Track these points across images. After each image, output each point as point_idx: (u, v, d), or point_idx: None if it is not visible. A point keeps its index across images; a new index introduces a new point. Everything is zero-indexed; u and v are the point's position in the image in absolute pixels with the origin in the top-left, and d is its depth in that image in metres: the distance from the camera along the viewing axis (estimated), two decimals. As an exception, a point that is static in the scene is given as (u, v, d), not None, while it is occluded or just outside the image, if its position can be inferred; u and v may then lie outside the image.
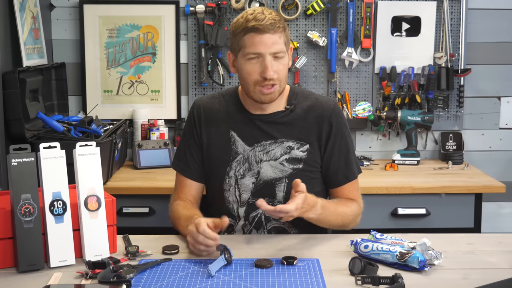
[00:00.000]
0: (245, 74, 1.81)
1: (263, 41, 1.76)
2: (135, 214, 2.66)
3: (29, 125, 2.53)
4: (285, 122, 1.90)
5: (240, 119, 1.91)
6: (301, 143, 1.88)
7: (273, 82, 1.79)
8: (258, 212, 1.89)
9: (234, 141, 1.90)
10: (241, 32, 1.78)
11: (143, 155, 2.97)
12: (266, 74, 1.76)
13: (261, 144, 1.89)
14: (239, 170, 1.89)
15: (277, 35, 1.77)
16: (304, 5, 3.09)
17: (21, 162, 1.49)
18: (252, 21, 1.76)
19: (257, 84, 1.80)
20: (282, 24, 1.79)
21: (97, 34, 3.12)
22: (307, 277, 1.47)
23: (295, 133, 1.89)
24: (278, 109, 1.90)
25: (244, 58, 1.79)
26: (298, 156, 1.88)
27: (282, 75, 1.81)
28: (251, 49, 1.77)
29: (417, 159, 3.04)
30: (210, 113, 1.94)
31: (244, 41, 1.78)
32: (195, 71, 3.15)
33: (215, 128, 1.93)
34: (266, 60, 1.76)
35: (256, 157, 1.89)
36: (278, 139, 1.88)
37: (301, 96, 1.93)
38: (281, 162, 1.88)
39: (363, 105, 3.12)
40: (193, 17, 3.10)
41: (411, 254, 1.50)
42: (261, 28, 1.75)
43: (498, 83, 3.21)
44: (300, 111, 1.90)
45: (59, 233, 1.54)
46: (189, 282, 1.45)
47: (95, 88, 3.15)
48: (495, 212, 3.25)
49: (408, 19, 3.12)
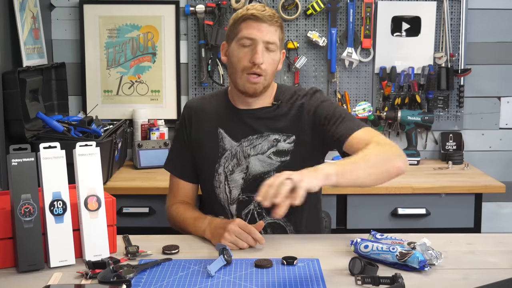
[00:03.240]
0: (235, 60, 1.84)
1: (259, 29, 1.80)
2: (135, 214, 2.66)
3: (29, 125, 2.53)
4: (271, 117, 1.91)
5: (228, 116, 1.94)
6: (287, 135, 1.89)
7: (260, 71, 1.81)
8: (249, 208, 1.91)
9: (222, 138, 1.92)
10: (240, 19, 1.83)
11: (143, 155, 2.97)
12: (256, 58, 1.79)
13: (248, 139, 1.91)
14: (227, 166, 1.91)
15: (273, 27, 1.82)
16: (304, 5, 3.09)
17: (21, 162, 1.49)
18: (252, 10, 1.82)
19: (245, 71, 1.82)
20: (280, 21, 1.85)
21: (97, 34, 3.12)
22: (307, 277, 1.47)
23: (280, 126, 1.90)
24: (265, 104, 1.92)
25: (238, 43, 1.83)
26: (285, 148, 1.89)
27: (269, 68, 1.83)
28: (246, 33, 1.81)
29: (417, 159, 3.04)
30: (200, 114, 1.97)
31: (241, 26, 1.83)
32: (195, 71, 3.15)
33: (204, 128, 1.95)
34: (258, 46, 1.80)
35: (244, 152, 1.90)
36: (264, 133, 1.90)
37: (287, 92, 1.95)
38: (269, 156, 1.89)
39: (363, 105, 3.12)
40: (193, 17, 3.10)
41: (411, 254, 1.50)
42: (260, 17, 1.80)
43: (498, 83, 3.21)
44: (286, 107, 1.92)
45: (59, 233, 1.54)
46: (189, 282, 1.45)
47: (95, 88, 3.15)
48: (495, 212, 3.25)
49: (408, 19, 3.12)
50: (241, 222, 1.70)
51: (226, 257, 1.52)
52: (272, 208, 1.83)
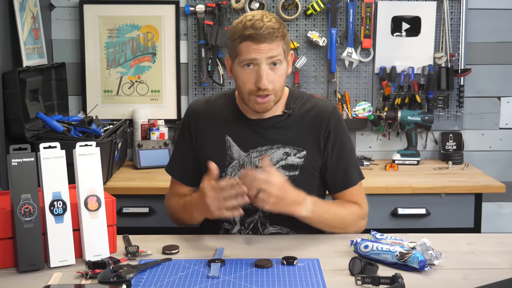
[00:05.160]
0: (240, 82, 1.77)
1: (259, 49, 1.71)
2: (135, 214, 2.66)
3: (29, 125, 2.53)
4: (282, 126, 1.86)
5: (236, 124, 1.88)
6: (298, 149, 1.84)
7: (267, 92, 1.74)
8: (254, 218, 1.86)
9: (230, 146, 1.87)
10: (238, 39, 1.73)
11: (143, 155, 2.97)
12: (260, 83, 1.72)
13: (257, 150, 1.85)
14: (234, 176, 1.85)
15: (274, 43, 1.72)
16: (304, 5, 3.09)
17: (21, 162, 1.49)
18: (249, 29, 1.71)
19: (252, 94, 1.76)
20: (281, 32, 1.74)
21: (97, 34, 3.12)
22: (307, 277, 1.47)
23: (292, 138, 1.85)
24: (276, 113, 1.86)
25: (240, 66, 1.75)
26: (294, 162, 1.84)
27: (278, 85, 1.76)
28: (247, 55, 1.72)
29: (417, 159, 3.04)
30: (205, 117, 1.91)
31: (240, 48, 1.73)
32: (195, 71, 3.15)
33: (210, 132, 1.89)
34: (261, 68, 1.72)
35: (252, 163, 1.84)
36: (275, 145, 1.85)
37: (299, 100, 1.90)
38: (277, 169, 1.82)
39: (363, 105, 3.12)
40: (193, 17, 3.10)
41: (411, 254, 1.50)
42: (257, 38, 1.70)
43: (498, 83, 3.21)
44: (298, 115, 1.87)
45: (59, 233, 1.54)
46: (189, 282, 1.45)
47: (95, 88, 3.15)
48: (495, 212, 3.25)
49: (408, 19, 3.12)
50: (209, 187, 1.65)
51: (218, 262, 1.53)
52: (276, 218, 1.85)
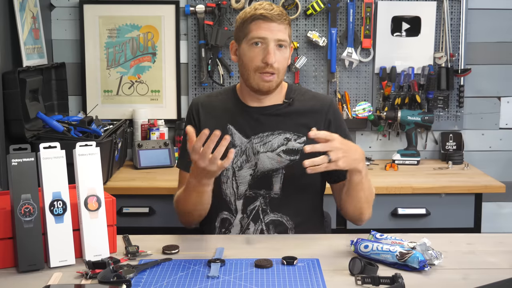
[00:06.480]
0: (247, 60, 1.86)
1: (269, 28, 1.83)
2: (135, 214, 2.66)
3: (29, 125, 2.53)
4: (282, 114, 1.94)
5: (237, 112, 1.95)
6: (298, 135, 1.91)
7: (273, 70, 1.84)
8: (255, 204, 1.91)
9: (232, 134, 1.93)
10: (249, 19, 1.85)
11: (143, 155, 2.97)
12: (269, 59, 1.82)
13: (258, 136, 1.92)
14: (236, 162, 1.92)
15: (283, 25, 1.84)
16: (304, 5, 3.09)
17: (21, 162, 1.49)
18: (260, 9, 1.84)
19: (258, 71, 1.85)
20: (288, 18, 1.87)
21: (97, 34, 3.12)
22: (307, 277, 1.47)
23: (292, 126, 1.92)
24: (276, 102, 1.95)
25: (248, 44, 1.85)
26: (295, 147, 1.90)
27: (281, 66, 1.87)
28: (257, 33, 1.83)
29: (417, 159, 3.04)
30: (208, 110, 1.98)
31: (251, 27, 1.84)
32: (195, 71, 3.15)
33: (213, 124, 1.92)
34: (270, 46, 1.82)
35: (254, 148, 1.91)
36: (276, 131, 1.92)
37: (298, 92, 2.00)
38: (278, 153, 1.90)
39: (363, 105, 3.12)
40: (193, 17, 3.10)
41: (411, 254, 1.50)
42: (269, 16, 1.82)
43: (498, 83, 3.21)
44: (298, 105, 1.95)
45: (59, 233, 1.54)
46: (189, 282, 1.45)
47: (95, 88, 3.15)
48: (495, 212, 3.25)
49: (408, 19, 3.12)
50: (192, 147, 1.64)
51: (218, 262, 1.53)
52: (276, 205, 1.88)
